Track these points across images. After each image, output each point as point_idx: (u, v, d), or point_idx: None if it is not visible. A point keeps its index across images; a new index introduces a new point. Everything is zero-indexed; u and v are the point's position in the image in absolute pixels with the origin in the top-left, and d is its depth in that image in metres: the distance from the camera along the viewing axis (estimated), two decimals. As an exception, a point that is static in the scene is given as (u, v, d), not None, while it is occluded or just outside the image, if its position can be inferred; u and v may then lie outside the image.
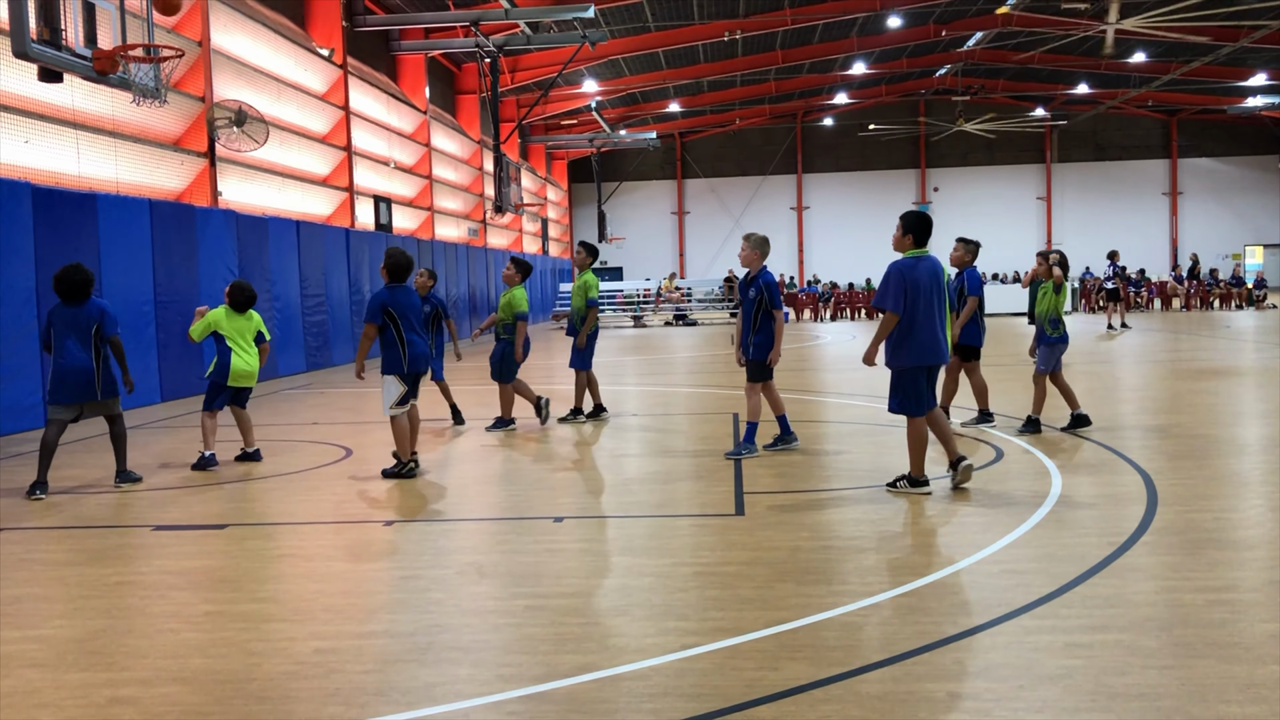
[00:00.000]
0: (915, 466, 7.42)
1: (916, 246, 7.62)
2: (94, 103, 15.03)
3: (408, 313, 8.62)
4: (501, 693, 4.07)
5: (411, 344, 8.60)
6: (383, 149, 27.46)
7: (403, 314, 8.57)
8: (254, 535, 6.91)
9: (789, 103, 47.95)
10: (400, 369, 8.56)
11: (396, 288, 8.71)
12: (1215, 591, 5.05)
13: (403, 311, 8.58)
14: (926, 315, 7.36)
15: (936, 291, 7.43)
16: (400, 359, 8.56)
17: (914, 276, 7.40)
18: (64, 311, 8.55)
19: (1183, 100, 46.04)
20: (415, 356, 8.63)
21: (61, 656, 4.61)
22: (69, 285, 8.54)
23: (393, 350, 8.58)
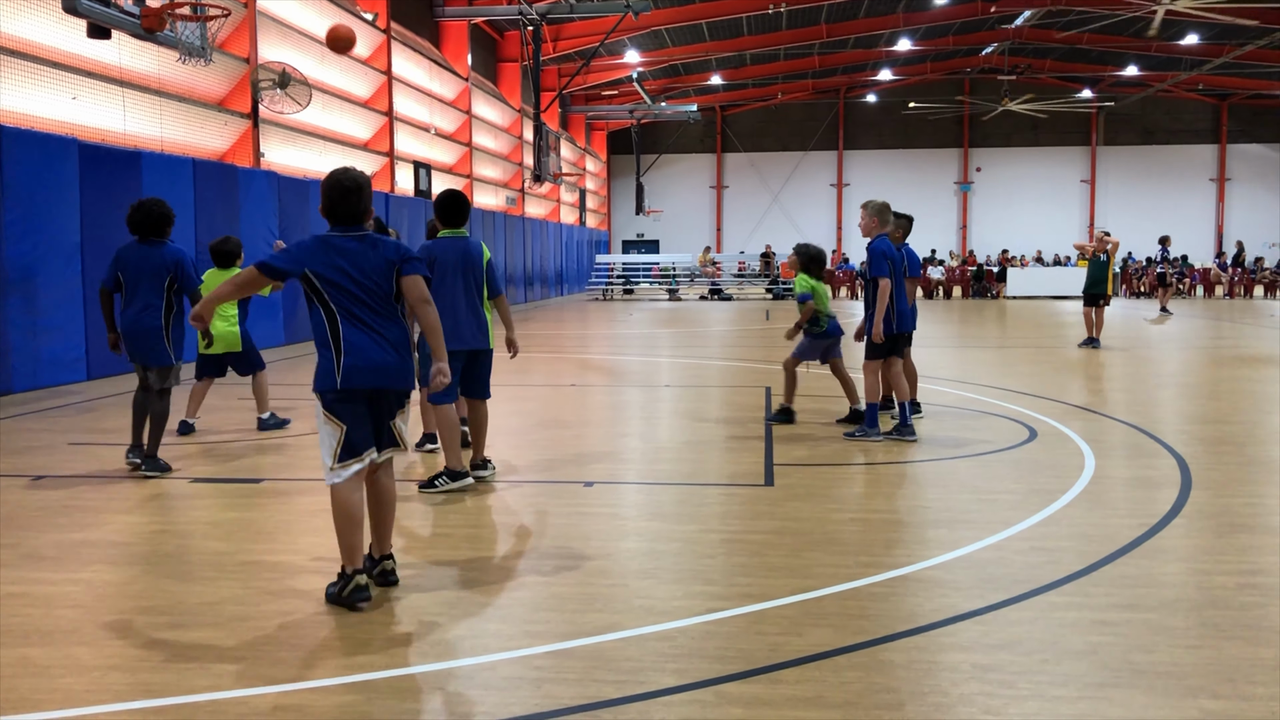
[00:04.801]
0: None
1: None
2: (141, 61, 15.17)
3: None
4: (528, 648, 4.12)
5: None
6: (424, 115, 27.53)
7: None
8: (290, 490, 7.01)
9: (832, 78, 47.55)
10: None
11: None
12: (1246, 575, 5.01)
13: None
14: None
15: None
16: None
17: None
18: (134, 251, 7.58)
19: (1235, 84, 45.23)
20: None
21: (101, 599, 4.72)
22: (144, 216, 7.56)
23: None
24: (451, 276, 6.78)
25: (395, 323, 4.74)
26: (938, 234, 49.95)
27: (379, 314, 4.68)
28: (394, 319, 4.74)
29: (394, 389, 4.75)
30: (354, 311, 4.63)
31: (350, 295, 4.63)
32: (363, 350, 4.62)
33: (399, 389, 4.78)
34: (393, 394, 4.77)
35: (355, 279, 4.64)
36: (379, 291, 4.68)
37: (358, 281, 4.64)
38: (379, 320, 4.68)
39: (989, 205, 50.64)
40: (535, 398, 11.20)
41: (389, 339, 4.69)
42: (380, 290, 4.68)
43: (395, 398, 4.79)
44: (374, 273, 4.67)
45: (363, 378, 4.62)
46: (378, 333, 4.66)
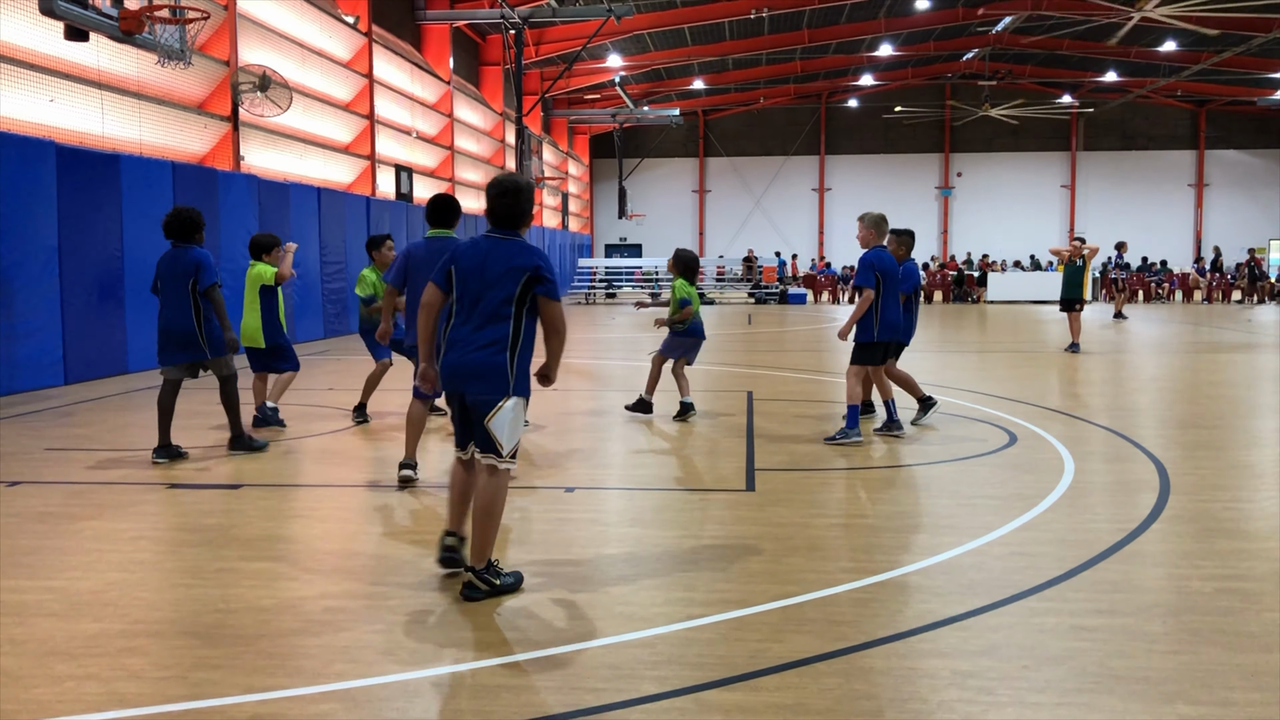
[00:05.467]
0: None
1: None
2: (119, 63, 15.08)
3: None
4: (508, 655, 4.11)
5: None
6: (405, 118, 27.46)
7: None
8: (268, 496, 6.97)
9: (814, 83, 47.68)
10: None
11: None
12: (1223, 580, 5.04)
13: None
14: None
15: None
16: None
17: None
18: (167, 256, 8.10)
19: (1212, 91, 45.58)
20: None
21: (76, 607, 4.68)
22: (174, 219, 8.10)
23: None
24: (427, 275, 6.69)
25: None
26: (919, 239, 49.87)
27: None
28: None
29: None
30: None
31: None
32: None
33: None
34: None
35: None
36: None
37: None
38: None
39: (970, 210, 50.86)
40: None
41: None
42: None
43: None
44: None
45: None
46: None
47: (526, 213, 4.89)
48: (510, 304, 4.73)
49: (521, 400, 4.80)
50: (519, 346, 4.75)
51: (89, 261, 13.32)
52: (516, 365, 4.74)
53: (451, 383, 4.81)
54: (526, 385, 4.82)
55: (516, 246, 4.84)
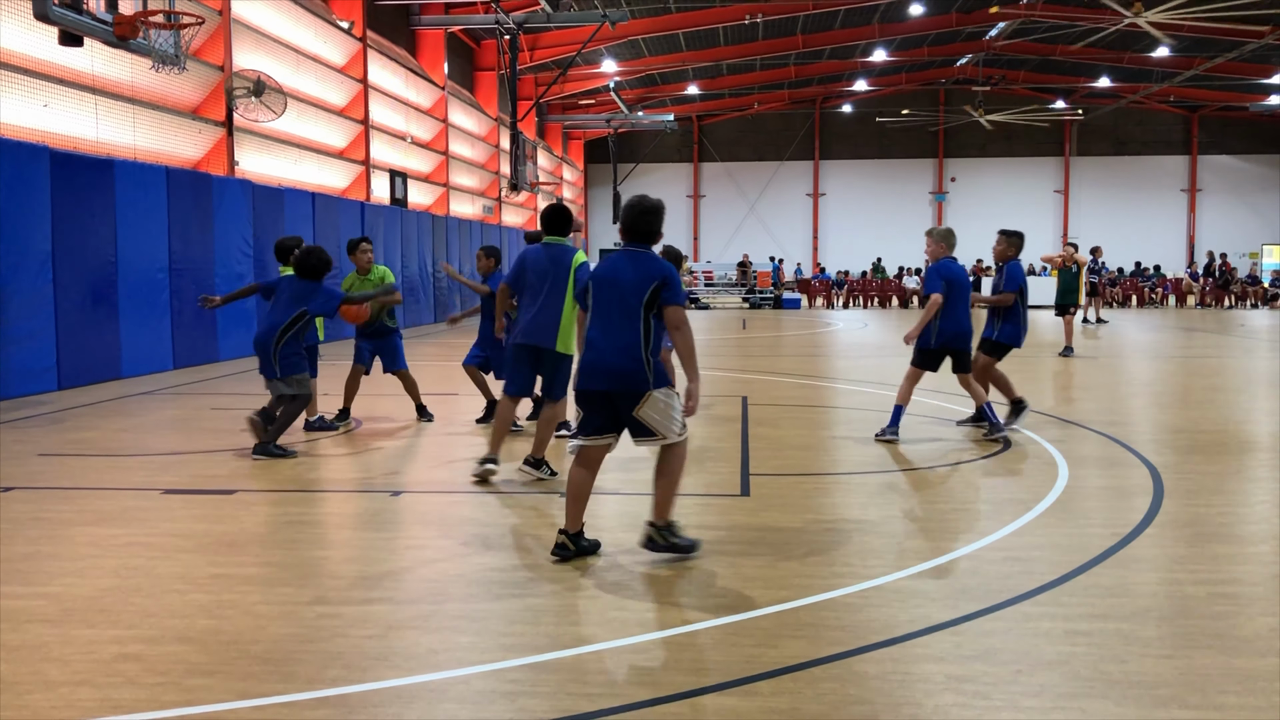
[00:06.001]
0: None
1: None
2: (113, 68, 15.07)
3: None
4: (503, 661, 4.11)
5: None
6: (400, 124, 27.46)
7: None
8: (263, 501, 6.96)
9: (808, 88, 47.72)
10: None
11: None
12: (1218, 584, 5.05)
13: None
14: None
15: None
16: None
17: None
18: (292, 282, 8.51)
19: (1205, 96, 45.70)
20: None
21: (70, 613, 4.66)
22: (306, 260, 8.42)
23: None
24: (539, 279, 7.24)
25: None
26: (912, 244, 50.18)
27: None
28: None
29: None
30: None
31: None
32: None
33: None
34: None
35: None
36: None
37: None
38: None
39: (963, 215, 50.89)
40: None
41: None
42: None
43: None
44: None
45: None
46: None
47: (658, 230, 5.51)
48: (641, 309, 5.27)
49: (664, 389, 5.33)
50: (650, 346, 5.31)
51: (83, 267, 13.30)
52: (652, 363, 5.32)
53: (589, 380, 5.34)
54: (664, 378, 5.38)
55: (648, 259, 5.40)
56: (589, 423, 5.42)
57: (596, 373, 5.31)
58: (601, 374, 5.30)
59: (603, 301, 5.36)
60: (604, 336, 5.31)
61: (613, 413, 5.36)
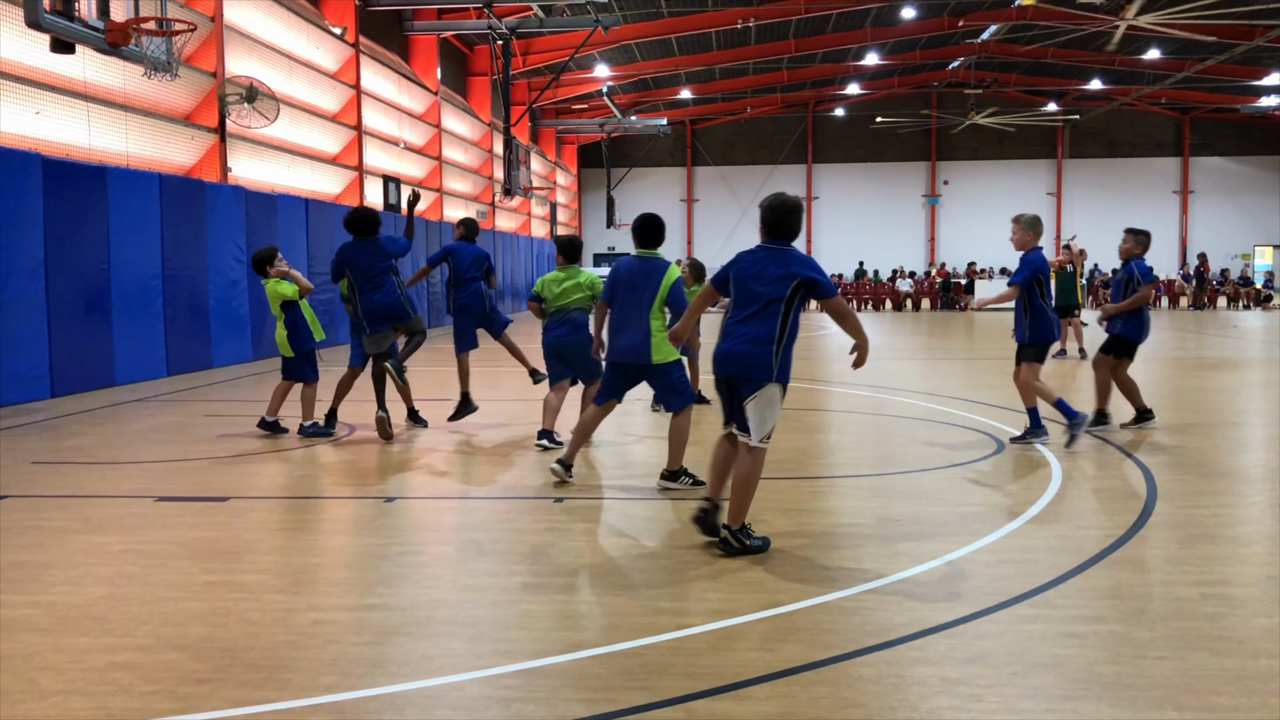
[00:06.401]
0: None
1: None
2: (105, 75, 15.05)
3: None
4: (497, 667, 4.10)
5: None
6: (393, 129, 27.46)
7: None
8: (257, 508, 6.95)
9: (801, 92, 47.81)
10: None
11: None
12: (1210, 585, 5.06)
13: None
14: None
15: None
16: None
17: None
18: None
19: (1196, 98, 45.86)
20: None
21: (63, 621, 4.65)
22: (356, 217, 9.57)
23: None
24: (632, 293, 7.22)
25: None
26: (905, 247, 50.31)
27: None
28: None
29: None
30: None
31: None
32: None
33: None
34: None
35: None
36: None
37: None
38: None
39: (956, 218, 51.03)
40: (506, 412, 11.16)
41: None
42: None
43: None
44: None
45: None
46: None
47: (799, 228, 5.78)
48: (779, 304, 5.51)
49: (779, 387, 5.57)
50: (783, 341, 5.54)
51: (76, 274, 13.27)
52: (780, 357, 5.54)
53: (722, 367, 5.63)
54: (787, 376, 5.60)
55: (790, 256, 5.64)
56: (727, 410, 5.77)
57: (727, 360, 5.62)
58: (730, 361, 5.60)
59: (744, 295, 5.63)
60: (741, 327, 5.61)
61: (736, 400, 5.66)
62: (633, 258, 7.40)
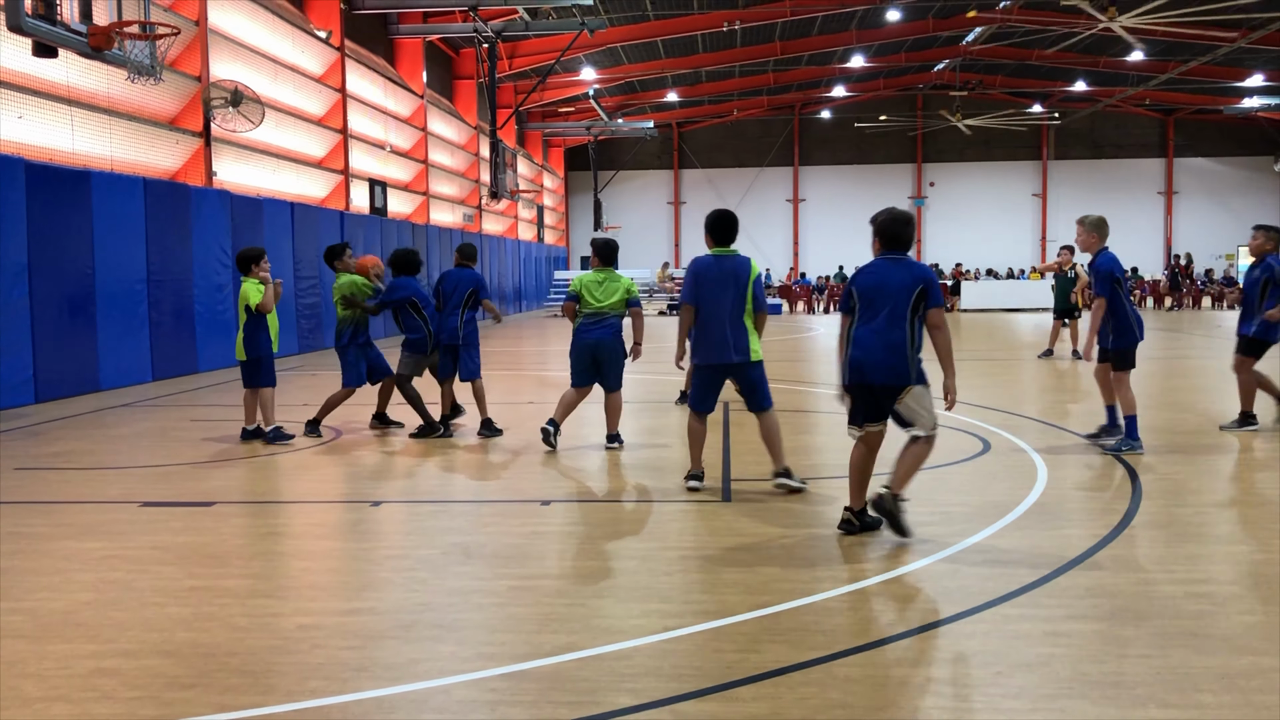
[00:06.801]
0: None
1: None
2: (89, 79, 14.99)
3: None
4: (484, 670, 4.10)
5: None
6: (379, 132, 27.41)
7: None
8: (242, 513, 6.93)
9: (787, 95, 47.90)
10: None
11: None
12: (1194, 584, 5.09)
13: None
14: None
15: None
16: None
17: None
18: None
19: (1180, 100, 46.08)
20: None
21: (46, 628, 4.63)
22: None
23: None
24: (717, 292, 7.06)
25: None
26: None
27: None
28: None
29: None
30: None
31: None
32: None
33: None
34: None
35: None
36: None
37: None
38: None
39: (943, 219, 51.18)
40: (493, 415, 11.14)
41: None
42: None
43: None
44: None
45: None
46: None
47: (913, 238, 6.12)
48: (906, 311, 5.78)
49: (924, 387, 5.87)
50: (916, 346, 5.84)
51: (60, 279, 13.22)
52: (914, 360, 5.85)
53: (860, 375, 5.89)
54: (924, 375, 5.88)
55: (911, 265, 5.92)
56: (859, 413, 6.02)
57: (866, 368, 5.87)
58: (870, 369, 5.86)
59: (871, 304, 5.87)
60: (873, 336, 5.84)
61: (876, 404, 5.93)
62: (710, 257, 7.22)
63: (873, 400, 5.94)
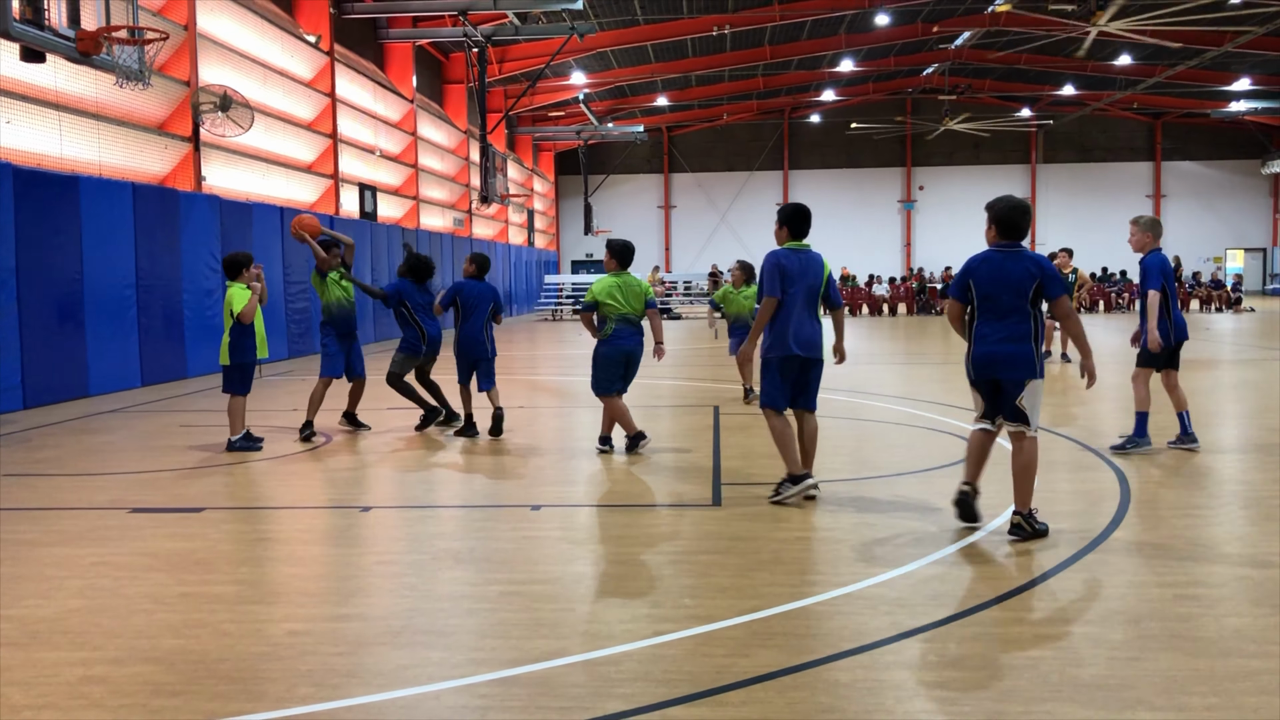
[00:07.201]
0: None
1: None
2: (77, 84, 14.95)
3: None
4: (473, 676, 4.09)
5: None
6: (368, 137, 27.38)
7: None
8: (231, 519, 6.91)
9: (776, 99, 47.98)
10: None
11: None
12: (1182, 587, 5.10)
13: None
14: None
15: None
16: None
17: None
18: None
19: (1167, 103, 46.28)
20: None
21: (34, 635, 4.61)
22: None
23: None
24: (799, 285, 6.91)
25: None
26: (881, 252, 50.52)
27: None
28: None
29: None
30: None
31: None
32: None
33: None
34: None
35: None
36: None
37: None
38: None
39: (932, 223, 51.29)
40: (483, 420, 11.14)
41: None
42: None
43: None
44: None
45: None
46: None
47: (1028, 228, 6.08)
48: (1026, 303, 5.82)
49: (1041, 381, 5.93)
50: (1037, 337, 5.87)
51: (48, 284, 13.17)
52: (1039, 353, 5.89)
53: (986, 370, 5.95)
54: (1043, 369, 5.97)
55: (1026, 256, 5.94)
56: (993, 408, 6.07)
57: (993, 362, 5.92)
58: (998, 363, 5.90)
59: (990, 297, 5.89)
60: (997, 329, 5.89)
61: (1002, 398, 5.98)
62: (789, 251, 7.02)
63: (998, 394, 5.98)
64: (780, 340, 6.94)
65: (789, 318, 6.91)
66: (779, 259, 6.97)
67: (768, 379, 7.05)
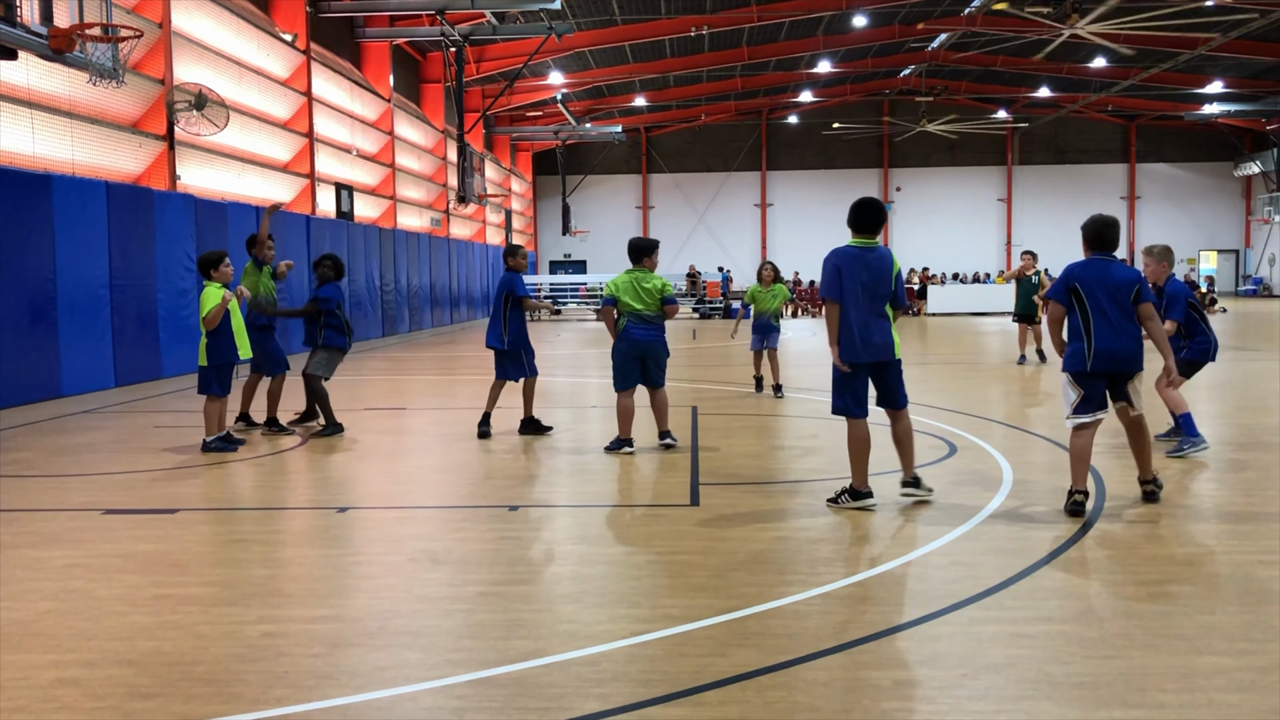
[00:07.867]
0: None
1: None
2: (50, 82, 14.81)
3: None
4: (450, 677, 4.08)
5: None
6: (345, 136, 27.26)
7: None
8: (206, 520, 6.86)
9: (754, 100, 48.08)
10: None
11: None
12: (1157, 585, 5.14)
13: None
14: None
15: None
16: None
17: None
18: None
19: (1142, 106, 46.69)
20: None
21: (5, 638, 4.56)
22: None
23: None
24: (866, 285, 6.71)
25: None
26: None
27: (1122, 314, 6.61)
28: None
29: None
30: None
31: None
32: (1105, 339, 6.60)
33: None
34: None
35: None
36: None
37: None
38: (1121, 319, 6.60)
39: (909, 224, 51.53)
40: (461, 420, 11.11)
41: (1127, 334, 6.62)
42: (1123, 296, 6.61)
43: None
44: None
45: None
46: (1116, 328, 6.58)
47: (1118, 240, 6.86)
48: (1130, 306, 6.56)
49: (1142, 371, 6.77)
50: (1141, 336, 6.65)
51: (20, 284, 13.04)
52: (1142, 347, 6.68)
53: (1112, 364, 6.60)
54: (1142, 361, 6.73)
55: (1120, 264, 6.69)
56: (1092, 400, 6.63)
57: (1109, 357, 6.57)
58: (1114, 358, 6.58)
59: (1098, 299, 6.55)
60: (1110, 328, 6.54)
61: (1114, 389, 6.73)
62: (855, 248, 6.81)
63: (1112, 386, 6.68)
64: (848, 345, 6.72)
65: (852, 320, 6.69)
66: (836, 259, 6.78)
67: (834, 385, 6.92)
